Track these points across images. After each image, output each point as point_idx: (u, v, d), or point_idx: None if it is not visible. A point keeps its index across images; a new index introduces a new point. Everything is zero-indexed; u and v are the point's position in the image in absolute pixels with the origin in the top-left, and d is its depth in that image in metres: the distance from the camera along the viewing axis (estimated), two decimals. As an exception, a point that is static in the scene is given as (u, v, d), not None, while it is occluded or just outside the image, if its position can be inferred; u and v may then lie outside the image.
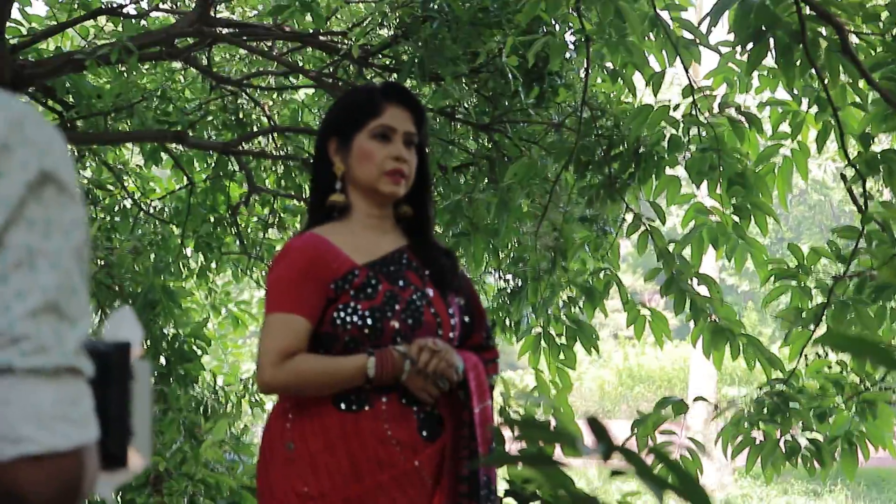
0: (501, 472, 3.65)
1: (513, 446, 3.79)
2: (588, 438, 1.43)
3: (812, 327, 5.68)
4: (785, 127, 6.14)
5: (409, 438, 3.35)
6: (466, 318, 3.61)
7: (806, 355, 5.98)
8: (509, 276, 7.78)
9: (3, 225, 1.39)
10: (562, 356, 6.87)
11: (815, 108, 5.91)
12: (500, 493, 3.59)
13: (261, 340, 3.39)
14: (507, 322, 7.76)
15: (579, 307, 6.94)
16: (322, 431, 3.34)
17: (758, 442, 5.85)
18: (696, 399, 5.67)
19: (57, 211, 1.43)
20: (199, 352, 7.13)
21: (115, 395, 1.53)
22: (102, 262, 7.06)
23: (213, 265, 9.30)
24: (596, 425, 1.37)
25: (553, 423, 4.02)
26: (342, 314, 3.37)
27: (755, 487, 20.83)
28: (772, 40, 5.11)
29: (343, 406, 3.36)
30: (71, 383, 1.40)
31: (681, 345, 25.99)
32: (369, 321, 3.36)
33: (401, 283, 3.46)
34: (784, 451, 5.74)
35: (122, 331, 1.58)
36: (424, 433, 3.37)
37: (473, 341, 3.63)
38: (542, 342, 6.93)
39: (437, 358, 3.33)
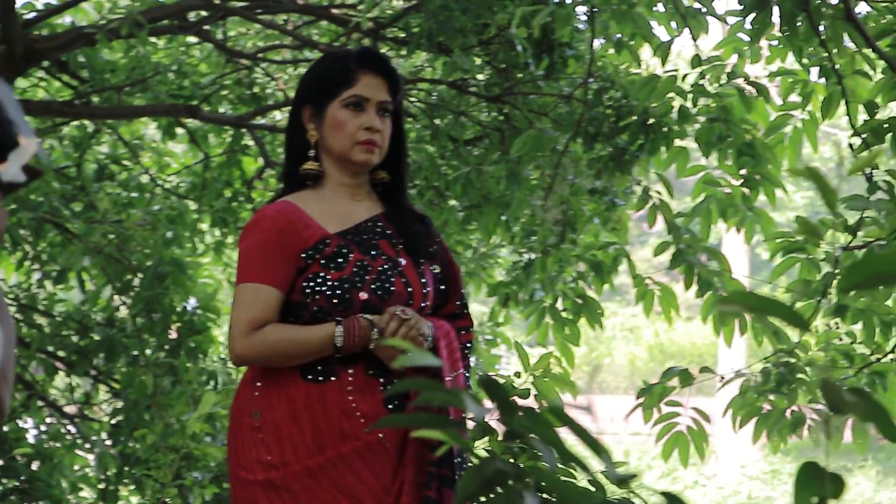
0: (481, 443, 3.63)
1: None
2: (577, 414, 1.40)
3: (819, 299, 5.62)
4: (795, 97, 6.07)
5: (374, 410, 3.33)
6: (442, 287, 3.59)
7: (816, 328, 5.93)
8: (523, 250, 7.75)
9: None
10: (567, 331, 6.83)
11: (823, 78, 5.84)
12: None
13: (232, 311, 3.39)
14: (522, 297, 7.73)
15: (588, 282, 6.89)
16: (287, 401, 3.35)
17: (764, 412, 5.81)
18: (701, 370, 5.63)
19: None
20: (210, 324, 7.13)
21: None
22: (113, 237, 7.05)
23: (229, 239, 9.30)
24: (491, 385, 1.35)
25: (533, 395, 3.99)
26: (311, 284, 3.37)
27: (785, 463, 20.76)
28: (776, 8, 5.05)
29: (309, 377, 3.36)
30: None
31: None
32: (338, 292, 3.35)
33: (373, 252, 3.45)
34: (790, 421, 5.69)
35: None
36: (390, 406, 3.35)
37: (447, 310, 3.61)
38: (548, 317, 6.89)
39: (406, 326, 3.31)
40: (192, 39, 8.81)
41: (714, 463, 21.58)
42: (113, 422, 7.53)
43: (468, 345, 3.58)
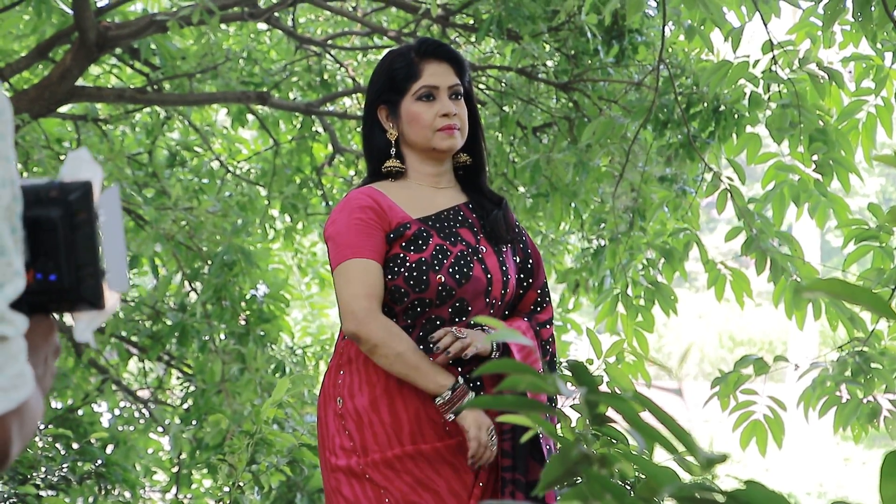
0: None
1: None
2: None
3: (894, 287, 5.59)
4: (868, 82, 6.03)
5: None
6: (522, 276, 3.62)
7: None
8: (592, 238, 7.75)
9: None
10: (639, 318, 6.82)
11: (897, 64, 5.80)
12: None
13: (341, 289, 3.41)
14: (591, 283, 7.74)
15: (658, 269, 6.88)
16: (368, 388, 3.40)
17: (843, 401, 5.78)
18: (776, 359, 5.61)
19: None
20: (278, 312, 7.18)
21: (82, 239, 1.48)
22: (184, 224, 7.12)
23: (299, 226, 9.37)
24: (579, 369, 1.36)
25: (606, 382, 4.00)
26: (390, 264, 3.42)
27: (857, 451, 20.61)
28: (850, -7, 5.02)
29: None
30: None
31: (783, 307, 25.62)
32: (415, 273, 3.40)
33: (453, 238, 3.49)
34: (866, 410, 5.66)
35: (82, 172, 1.51)
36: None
37: (528, 299, 3.63)
38: (620, 305, 6.88)
39: (460, 343, 3.33)
40: (262, 26, 8.87)
41: (784, 450, 21.45)
42: (184, 406, 7.61)
43: (550, 339, 3.61)
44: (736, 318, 28.10)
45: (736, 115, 6.34)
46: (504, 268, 3.53)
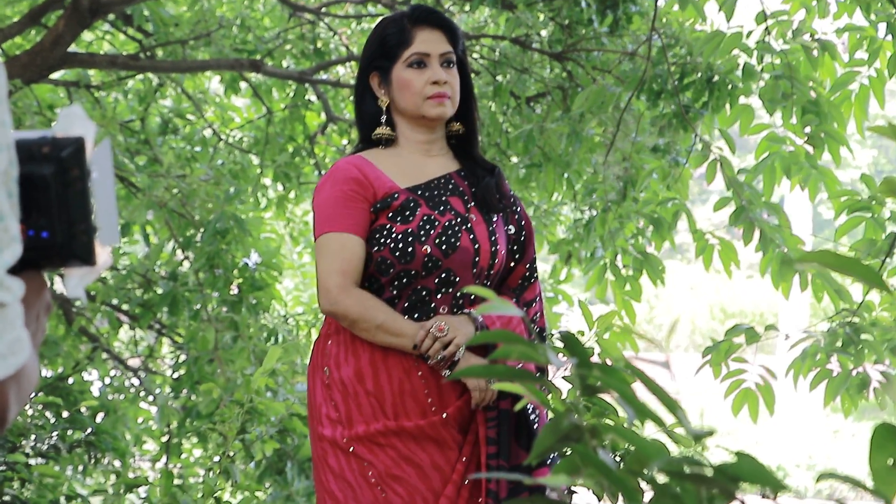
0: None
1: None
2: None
3: (885, 258, 5.59)
4: (862, 54, 6.01)
5: (436, 375, 3.38)
6: (514, 248, 3.61)
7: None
8: (584, 208, 7.74)
9: None
10: (627, 287, 6.83)
11: (891, 35, 5.78)
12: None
13: (318, 264, 3.42)
14: (584, 254, 7.73)
15: (647, 238, 6.88)
16: (354, 358, 3.40)
17: (834, 374, 5.78)
18: (767, 328, 5.61)
19: None
20: (271, 280, 7.17)
21: (74, 196, 1.48)
22: (176, 191, 7.10)
23: (292, 195, 9.35)
24: (570, 340, 1.35)
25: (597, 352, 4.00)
26: (376, 235, 3.41)
27: (847, 424, 20.65)
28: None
29: None
30: None
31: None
32: (401, 245, 3.39)
33: (441, 208, 3.47)
34: (855, 381, 5.67)
35: (74, 128, 1.50)
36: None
37: (517, 273, 3.63)
38: (609, 273, 6.88)
39: (441, 343, 3.34)
40: (255, -7, 8.84)
41: (773, 422, 21.51)
42: (175, 375, 7.61)
43: (535, 317, 3.61)
44: (727, 289, 28.13)
45: (729, 86, 6.32)
46: (493, 238, 3.51)
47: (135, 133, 8.47)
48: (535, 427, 3.42)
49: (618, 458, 3.39)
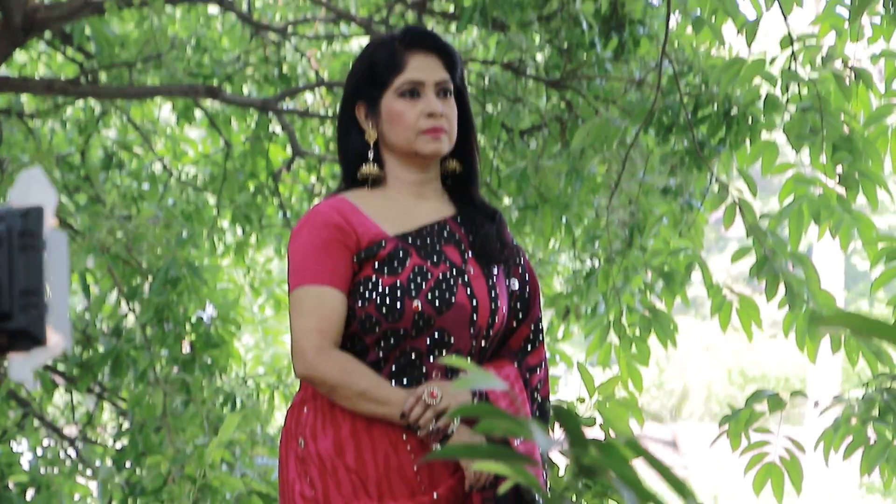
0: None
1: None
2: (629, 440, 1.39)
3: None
4: (900, 84, 6.05)
5: (427, 450, 3.35)
6: (517, 306, 3.58)
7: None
8: (585, 257, 7.75)
9: None
10: (634, 350, 6.82)
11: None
12: None
13: (293, 319, 3.39)
14: (584, 310, 7.73)
15: (656, 294, 6.88)
16: (333, 428, 3.36)
17: (871, 443, 5.78)
18: (793, 394, 5.61)
19: None
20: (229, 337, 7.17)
21: (26, 267, 1.49)
22: (121, 234, 7.09)
23: (253, 239, 9.35)
24: (563, 414, 1.35)
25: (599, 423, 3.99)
26: (360, 289, 3.37)
27: (886, 502, 20.64)
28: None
29: None
30: None
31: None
32: (388, 300, 3.35)
33: (434, 258, 3.43)
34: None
35: (32, 195, 1.52)
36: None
37: (519, 334, 3.58)
38: (612, 335, 6.88)
39: (433, 411, 3.29)
40: (213, 10, 8.86)
41: (801, 501, 21.48)
42: (118, 445, 7.57)
43: (539, 385, 3.56)
44: (747, 351, 28.14)
45: (750, 120, 6.35)
46: (493, 293, 3.47)
47: (74, 168, 8.47)
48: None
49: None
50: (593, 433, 4.04)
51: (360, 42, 9.04)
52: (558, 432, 1.35)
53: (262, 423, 7.07)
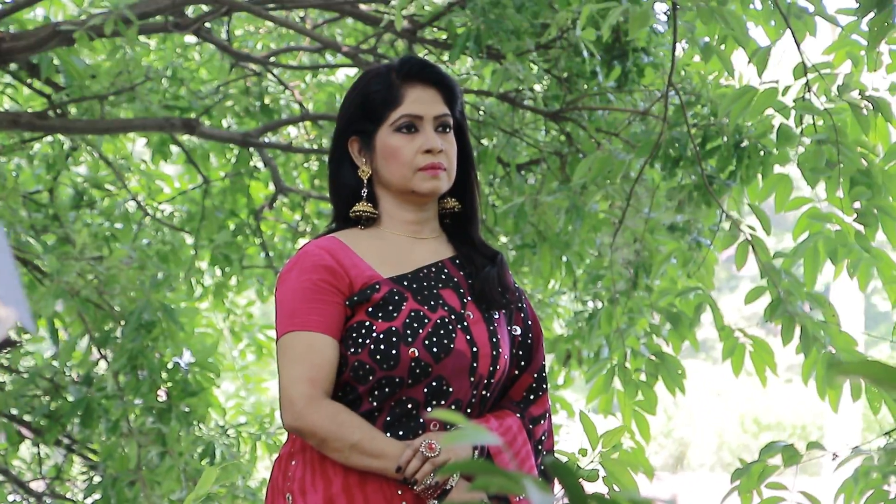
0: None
1: None
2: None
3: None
4: (921, 114, 6.06)
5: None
6: (519, 353, 3.58)
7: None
8: (587, 298, 7.76)
9: None
10: (639, 396, 6.81)
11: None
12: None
13: (282, 368, 3.39)
14: (586, 354, 7.74)
15: (663, 337, 6.88)
16: (324, 483, 3.36)
17: (892, 497, 5.77)
18: (810, 445, 5.60)
19: None
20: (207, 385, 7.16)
21: None
22: (92, 277, 7.09)
23: (233, 281, 9.35)
24: (560, 469, 1.35)
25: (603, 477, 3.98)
26: (353, 335, 3.37)
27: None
28: (898, 7, 5.06)
29: None
30: None
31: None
32: (382, 346, 3.35)
33: (432, 302, 3.44)
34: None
35: None
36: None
37: (522, 383, 3.59)
38: (616, 381, 6.87)
39: (431, 464, 3.28)
40: (190, 39, 8.87)
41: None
42: (88, 501, 7.55)
43: (543, 437, 3.57)
44: (761, 396, 28.12)
45: (762, 152, 6.36)
46: (495, 339, 3.47)
47: (42, 207, 8.47)
48: None
49: None
50: (597, 487, 4.04)
51: (346, 73, 9.06)
52: (558, 488, 1.35)
53: (243, 475, 7.05)
